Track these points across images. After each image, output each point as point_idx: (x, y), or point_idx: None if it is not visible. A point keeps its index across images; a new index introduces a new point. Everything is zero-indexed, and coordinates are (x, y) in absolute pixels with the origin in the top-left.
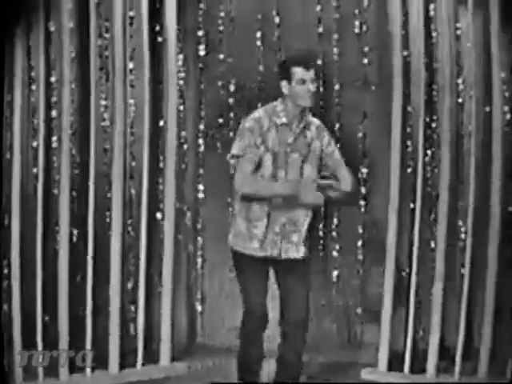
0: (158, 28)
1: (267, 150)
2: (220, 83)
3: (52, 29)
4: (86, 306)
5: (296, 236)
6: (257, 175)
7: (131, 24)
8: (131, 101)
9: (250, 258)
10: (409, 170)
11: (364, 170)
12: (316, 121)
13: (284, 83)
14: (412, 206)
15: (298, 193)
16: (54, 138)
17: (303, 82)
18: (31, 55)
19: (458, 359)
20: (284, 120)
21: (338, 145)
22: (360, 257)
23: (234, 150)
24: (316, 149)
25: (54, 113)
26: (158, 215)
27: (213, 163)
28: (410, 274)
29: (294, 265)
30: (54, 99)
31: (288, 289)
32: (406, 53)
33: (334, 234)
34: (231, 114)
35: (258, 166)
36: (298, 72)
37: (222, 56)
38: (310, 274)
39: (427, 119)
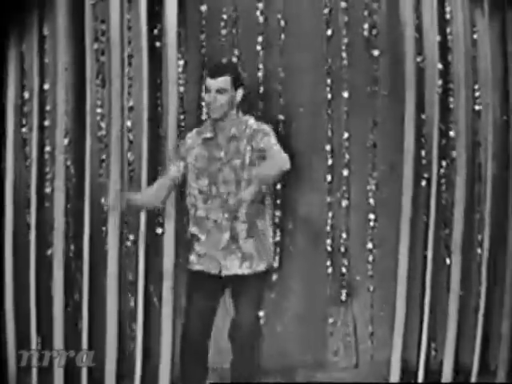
0: (157, 31)
1: (193, 168)
2: None
3: (46, 33)
4: (81, 325)
5: (239, 252)
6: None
7: (129, 27)
8: (129, 108)
9: (196, 274)
10: (422, 182)
11: (374, 182)
12: (254, 124)
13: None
14: (425, 219)
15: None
16: (48, 148)
17: (207, 90)
18: (24, 61)
19: (473, 375)
20: (207, 134)
21: (346, 158)
22: (370, 273)
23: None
24: (252, 157)
25: (47, 122)
26: (158, 230)
27: None
28: (423, 291)
29: (244, 281)
30: (47, 107)
31: (236, 307)
32: (419, 58)
33: (341, 249)
34: None
35: (183, 184)
36: (206, 81)
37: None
38: (261, 290)
39: (442, 128)
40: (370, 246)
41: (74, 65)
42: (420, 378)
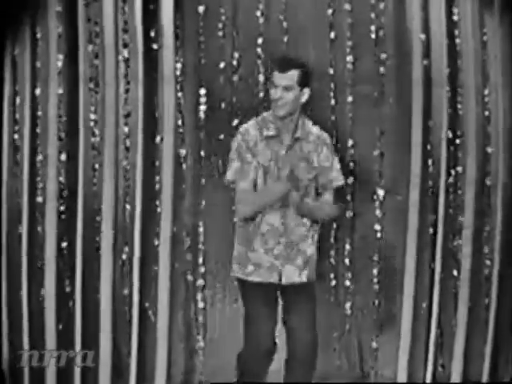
0: (153, 33)
1: (259, 165)
2: (221, 94)
3: (38, 35)
4: (74, 342)
5: (300, 259)
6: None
7: (124, 29)
8: (124, 114)
9: (252, 284)
10: (430, 192)
11: (380, 192)
12: (316, 131)
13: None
14: (433, 231)
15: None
16: (40, 157)
17: (275, 86)
18: (17, 65)
19: None
20: (271, 132)
21: (352, 164)
22: (375, 286)
23: (228, 176)
24: (313, 163)
25: (39, 129)
26: (154, 241)
27: (215, 183)
28: (430, 305)
29: (300, 290)
30: (39, 113)
31: (293, 318)
32: (426, 61)
33: (346, 261)
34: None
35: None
36: (274, 75)
37: (222, 65)
38: (315, 299)
39: (450, 135)
40: (375, 258)
41: (66, 68)
42: None
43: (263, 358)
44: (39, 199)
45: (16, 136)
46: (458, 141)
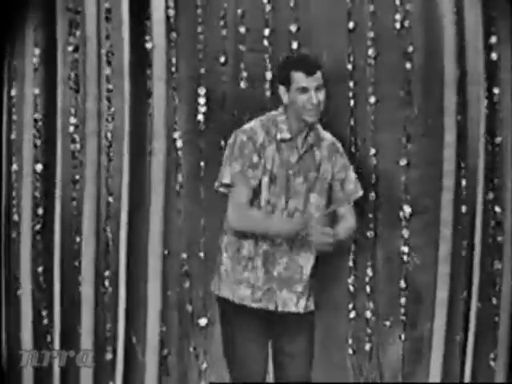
0: (142, 22)
1: (265, 171)
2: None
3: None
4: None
5: (300, 285)
6: (253, 206)
7: (108, 18)
8: (108, 117)
9: (240, 308)
10: (465, 207)
11: (407, 209)
12: (329, 137)
13: (282, 90)
14: (469, 252)
15: (307, 232)
16: (14, 167)
17: (304, 90)
18: None
19: None
20: (286, 135)
21: (374, 177)
22: (402, 318)
23: (225, 179)
24: (325, 173)
25: (13, 135)
26: (142, 266)
27: (217, 199)
28: (465, 339)
29: (296, 321)
30: (14, 117)
31: (285, 352)
32: (460, 55)
33: (367, 289)
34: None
35: (256, 192)
36: (299, 78)
37: (223, 59)
38: (313, 333)
39: (488, 139)
40: (402, 284)
41: (43, 65)
42: None
43: None
44: (15, 217)
45: None
46: (496, 149)
